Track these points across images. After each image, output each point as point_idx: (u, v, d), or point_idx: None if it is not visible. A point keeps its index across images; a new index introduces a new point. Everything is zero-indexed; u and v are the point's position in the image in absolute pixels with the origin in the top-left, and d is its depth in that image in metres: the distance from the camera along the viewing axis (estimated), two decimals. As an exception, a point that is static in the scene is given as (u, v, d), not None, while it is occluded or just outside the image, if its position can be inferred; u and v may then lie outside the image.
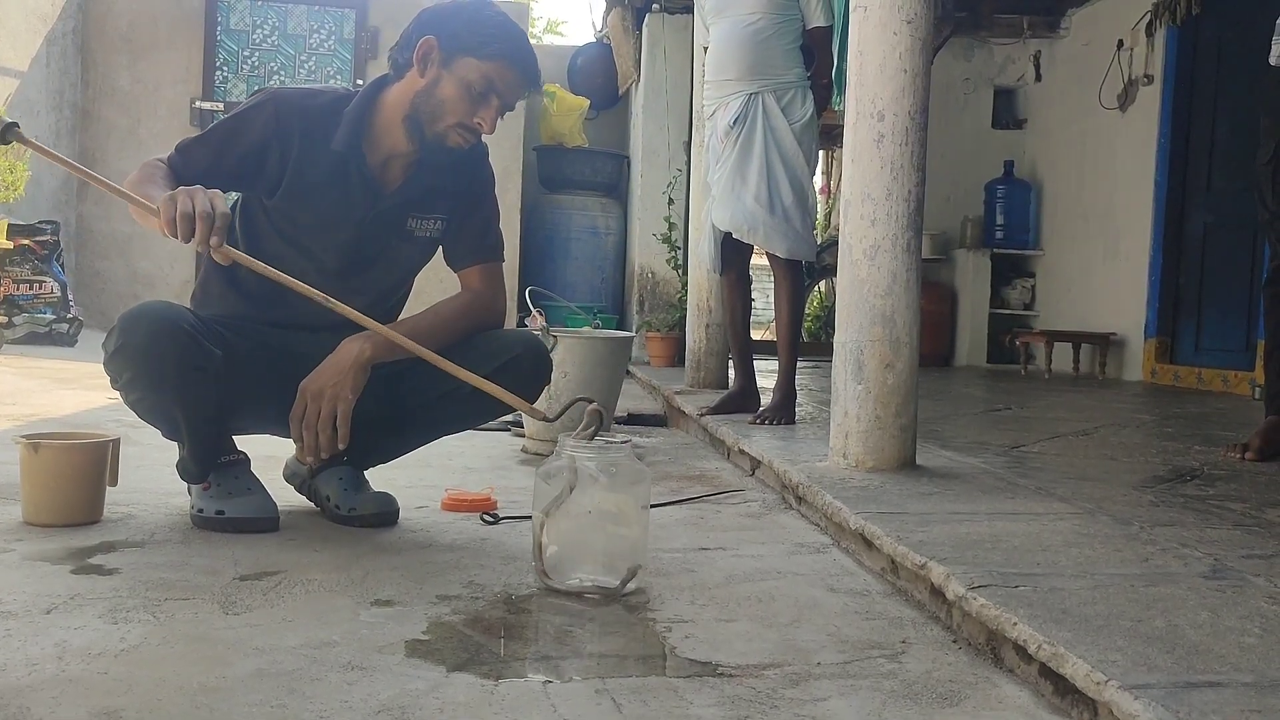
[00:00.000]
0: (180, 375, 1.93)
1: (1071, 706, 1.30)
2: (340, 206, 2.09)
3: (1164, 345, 6.21)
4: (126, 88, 7.37)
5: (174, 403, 1.98)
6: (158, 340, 1.90)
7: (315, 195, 2.08)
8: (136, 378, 1.94)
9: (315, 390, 1.97)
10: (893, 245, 2.52)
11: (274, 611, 1.58)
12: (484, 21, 2.05)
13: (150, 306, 1.97)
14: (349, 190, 2.09)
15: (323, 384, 1.97)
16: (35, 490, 2.04)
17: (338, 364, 1.98)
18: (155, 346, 1.90)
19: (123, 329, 1.91)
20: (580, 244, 7.57)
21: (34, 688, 1.25)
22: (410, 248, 2.20)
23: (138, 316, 1.93)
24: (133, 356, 1.91)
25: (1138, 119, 6.42)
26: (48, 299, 6.04)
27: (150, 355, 1.91)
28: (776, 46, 3.52)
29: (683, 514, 2.45)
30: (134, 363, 1.92)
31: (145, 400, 1.99)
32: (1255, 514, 2.23)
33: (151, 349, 1.90)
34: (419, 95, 2.05)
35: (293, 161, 2.06)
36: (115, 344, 1.93)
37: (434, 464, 2.94)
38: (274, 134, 2.05)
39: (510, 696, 1.29)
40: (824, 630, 1.61)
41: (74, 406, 3.77)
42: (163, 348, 1.91)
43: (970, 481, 2.49)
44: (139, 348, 1.91)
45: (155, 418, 2.05)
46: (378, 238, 2.15)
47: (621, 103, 8.08)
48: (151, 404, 2.00)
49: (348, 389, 1.96)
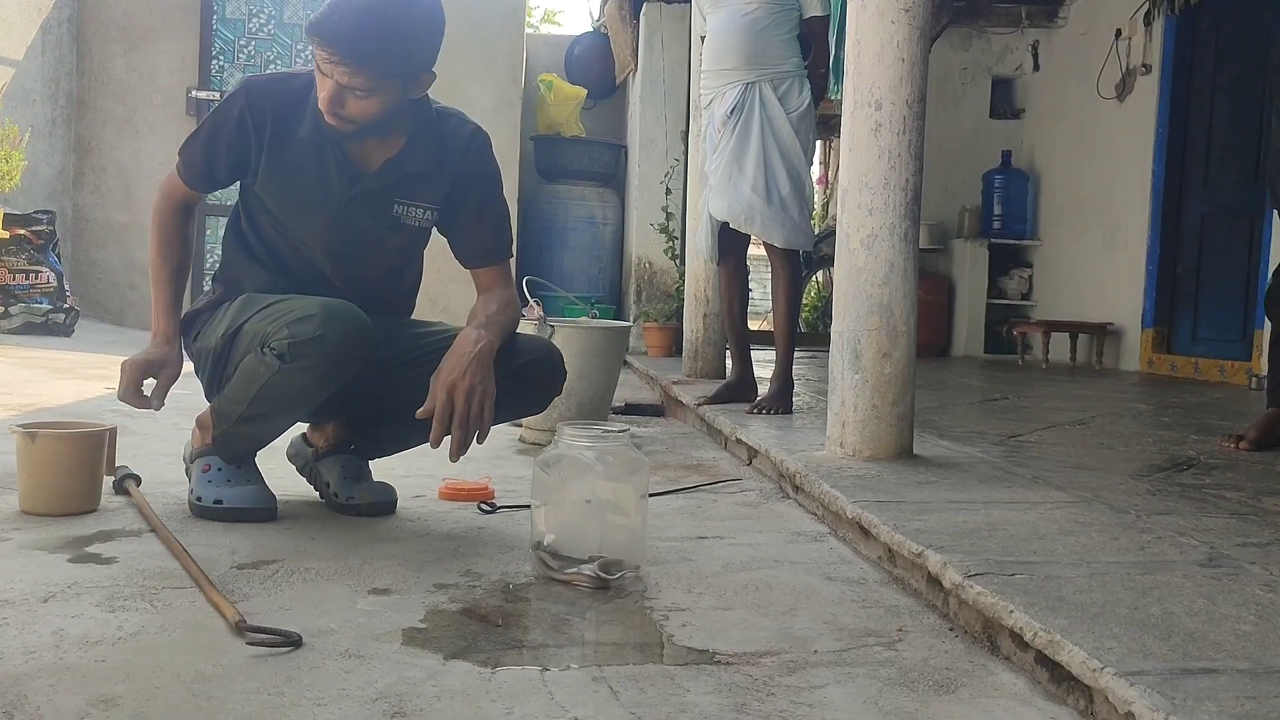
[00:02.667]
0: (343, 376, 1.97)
1: (1067, 694, 1.30)
2: (318, 189, 2.07)
3: (1161, 335, 6.21)
4: (122, 76, 7.35)
5: (320, 397, 1.99)
6: (349, 342, 1.94)
7: (292, 179, 2.07)
8: (317, 367, 1.93)
9: (467, 389, 1.92)
10: (890, 234, 2.52)
11: (271, 600, 1.58)
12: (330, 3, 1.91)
13: (350, 309, 1.98)
14: (325, 172, 2.07)
15: (471, 381, 1.92)
16: (32, 480, 2.04)
17: (478, 357, 1.94)
18: (350, 348, 1.94)
19: (325, 321, 1.91)
20: (577, 234, 7.56)
21: (31, 675, 1.25)
22: (399, 237, 2.15)
23: (341, 314, 1.94)
24: (327, 349, 1.91)
25: (1135, 109, 6.41)
26: (44, 289, 6.02)
27: (343, 355, 1.94)
28: (774, 36, 3.51)
29: (680, 503, 2.46)
30: (325, 355, 1.92)
31: (300, 389, 1.97)
32: (1251, 503, 2.23)
33: (345, 350, 1.94)
34: None
35: (267, 147, 2.05)
36: (314, 331, 1.90)
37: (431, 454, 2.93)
38: (250, 123, 2.04)
39: (507, 684, 1.29)
40: (821, 618, 1.61)
41: (70, 397, 3.76)
42: (355, 350, 1.96)
43: (967, 470, 2.50)
44: (337, 344, 1.92)
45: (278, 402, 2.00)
46: (358, 223, 2.10)
47: (619, 92, 8.06)
48: (299, 394, 1.98)
49: (491, 381, 1.95)
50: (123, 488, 2.22)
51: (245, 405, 2.01)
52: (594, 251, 7.63)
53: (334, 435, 2.27)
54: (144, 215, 7.39)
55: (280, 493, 2.15)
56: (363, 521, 2.12)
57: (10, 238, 5.90)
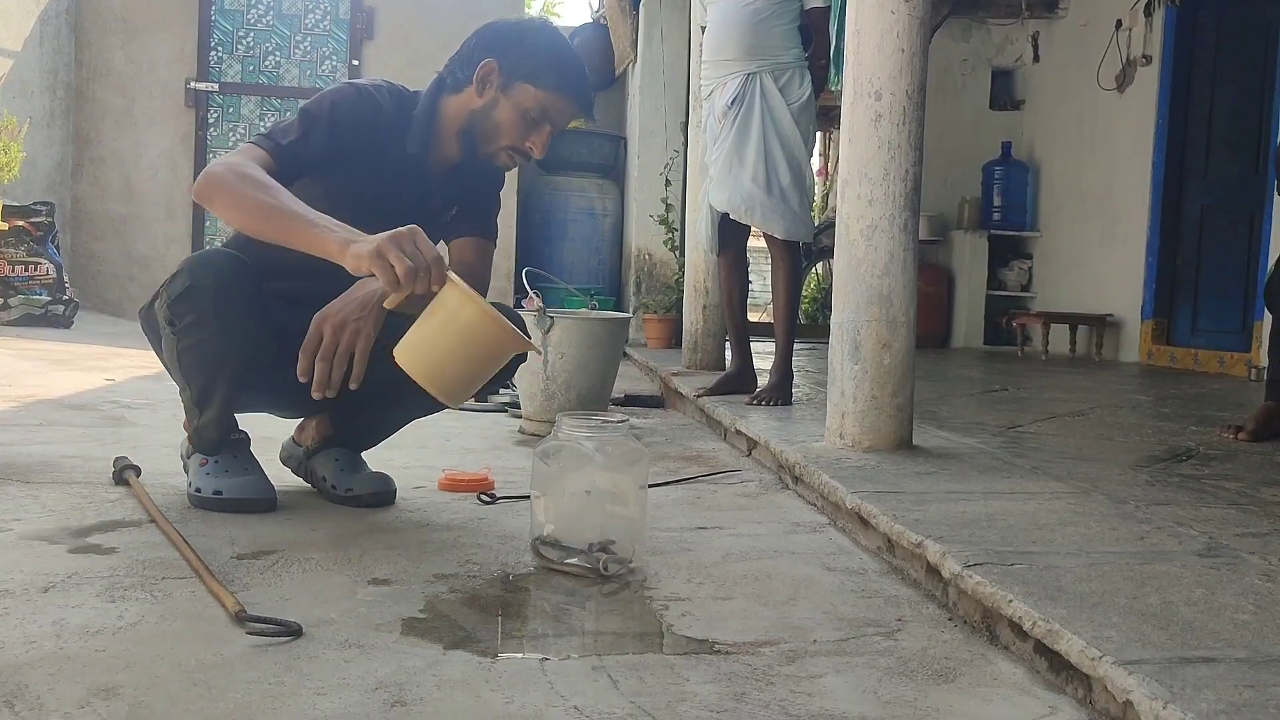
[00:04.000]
0: (243, 320, 1.95)
1: (1066, 683, 1.31)
2: (392, 202, 2.08)
3: (1160, 326, 6.21)
4: (121, 68, 7.33)
5: (233, 350, 1.96)
6: (226, 282, 1.92)
7: (377, 183, 2.09)
8: (201, 320, 1.93)
9: (337, 322, 1.86)
10: (890, 225, 2.51)
11: (271, 590, 1.58)
12: (544, 49, 2.09)
13: (218, 252, 1.99)
14: (403, 188, 2.11)
15: (345, 316, 1.87)
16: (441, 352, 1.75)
17: (362, 299, 1.89)
18: (225, 289, 1.92)
19: (190, 271, 1.92)
20: (577, 225, 7.56)
21: (32, 665, 1.25)
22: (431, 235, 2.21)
23: (205, 261, 1.95)
24: (201, 298, 1.92)
25: (1136, 100, 6.40)
26: (43, 281, 6.02)
27: (219, 296, 1.92)
28: (774, 27, 3.50)
29: (680, 494, 2.46)
30: (201, 304, 1.92)
31: (200, 348, 1.96)
32: (1250, 493, 2.23)
33: (220, 290, 1.92)
34: (475, 114, 2.09)
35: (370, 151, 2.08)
36: (182, 285, 1.92)
37: (431, 445, 2.95)
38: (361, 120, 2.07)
39: (507, 674, 1.29)
40: (820, 608, 1.61)
41: (70, 388, 3.76)
42: (231, 290, 1.93)
43: (966, 461, 2.50)
44: (209, 289, 1.91)
45: (202, 370, 1.99)
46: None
47: (618, 83, 8.05)
48: (206, 353, 1.97)
49: (370, 325, 1.88)
50: (122, 479, 2.22)
51: (184, 387, 2.05)
52: (593, 243, 7.63)
53: (319, 431, 2.27)
54: (143, 207, 7.40)
55: (279, 484, 2.15)
56: (362, 512, 2.12)
57: (9, 229, 5.90)
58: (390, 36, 7.55)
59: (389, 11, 7.55)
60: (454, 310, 1.72)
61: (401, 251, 1.68)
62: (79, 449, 2.63)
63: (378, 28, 7.57)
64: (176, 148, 7.42)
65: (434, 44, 7.07)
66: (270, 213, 1.81)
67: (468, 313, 1.71)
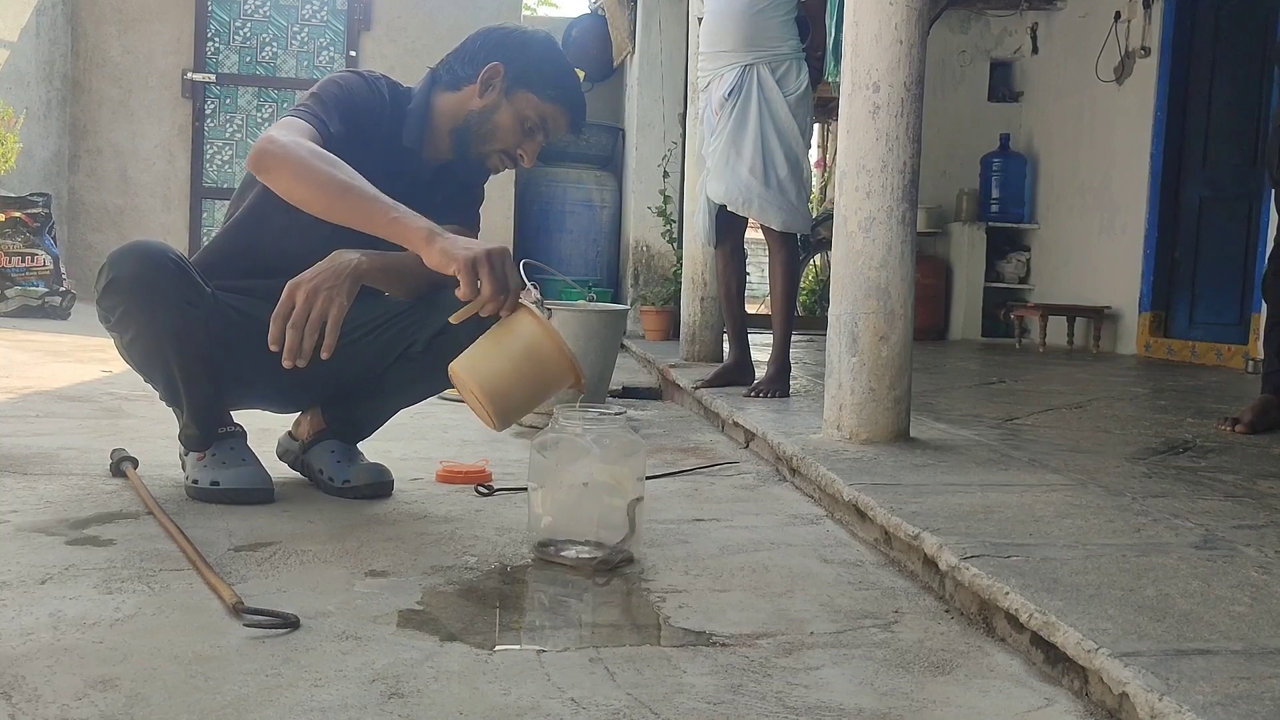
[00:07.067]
0: (170, 307, 1.91)
1: (1062, 675, 1.31)
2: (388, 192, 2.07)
3: (1158, 319, 6.22)
4: (117, 59, 7.32)
5: (167, 340, 1.94)
6: (146, 271, 1.89)
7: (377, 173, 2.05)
8: (129, 312, 1.92)
9: (310, 288, 1.79)
10: (888, 217, 2.51)
11: (268, 582, 1.58)
12: (549, 62, 2.14)
13: (138, 242, 1.96)
14: (399, 180, 2.07)
15: (318, 283, 1.80)
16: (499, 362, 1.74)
17: (335, 268, 1.84)
18: (144, 277, 1.89)
19: (111, 264, 1.91)
20: (575, 217, 7.55)
21: (29, 657, 1.25)
22: None
23: (126, 251, 1.92)
24: (123, 289, 1.90)
25: (1134, 92, 6.40)
26: (40, 272, 6.02)
27: (139, 286, 1.89)
28: (771, 18, 3.50)
29: (677, 486, 2.46)
30: (125, 296, 1.90)
31: (139, 341, 1.96)
32: (1247, 485, 2.24)
33: (141, 280, 1.89)
34: (474, 114, 2.10)
35: (375, 140, 2.08)
36: (105, 279, 1.91)
37: (429, 437, 2.95)
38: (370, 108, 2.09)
39: (504, 666, 1.29)
40: (817, 600, 1.61)
41: (67, 379, 3.76)
42: (152, 278, 1.90)
43: (964, 453, 2.50)
44: (129, 279, 1.89)
45: (151, 365, 2.00)
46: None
47: (616, 75, 8.03)
48: (145, 345, 1.96)
49: (343, 294, 1.82)
50: (119, 470, 2.22)
51: (153, 386, 2.05)
52: (591, 235, 7.62)
53: (313, 425, 2.27)
54: (140, 198, 7.39)
55: (277, 476, 2.15)
56: (360, 504, 2.12)
57: (6, 220, 5.89)
58: (387, 28, 7.53)
59: (386, 3, 7.54)
60: (532, 341, 1.73)
61: (492, 269, 1.69)
62: (76, 441, 2.62)
63: (375, 19, 7.55)
64: (173, 139, 7.41)
65: (431, 36, 7.07)
66: (344, 190, 1.79)
67: (547, 346, 1.73)
